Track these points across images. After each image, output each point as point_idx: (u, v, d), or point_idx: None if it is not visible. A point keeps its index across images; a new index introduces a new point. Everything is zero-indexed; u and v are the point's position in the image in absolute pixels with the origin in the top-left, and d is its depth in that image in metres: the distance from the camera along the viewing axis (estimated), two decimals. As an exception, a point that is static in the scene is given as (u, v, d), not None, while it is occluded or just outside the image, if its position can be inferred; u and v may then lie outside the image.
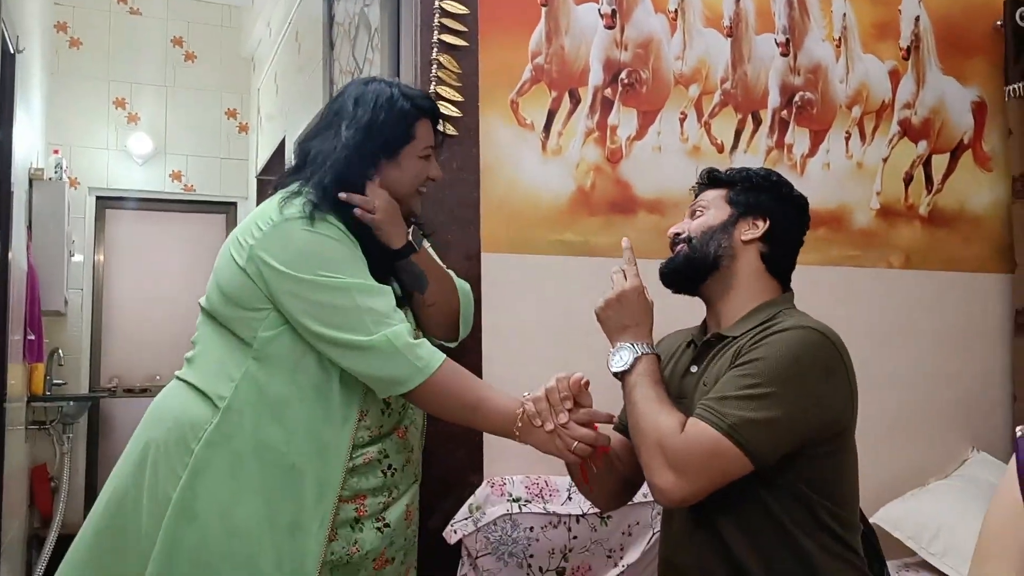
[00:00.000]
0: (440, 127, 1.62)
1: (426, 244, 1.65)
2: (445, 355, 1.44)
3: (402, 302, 1.53)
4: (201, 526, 1.40)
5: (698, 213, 1.57)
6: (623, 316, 1.48)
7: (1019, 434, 0.85)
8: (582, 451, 1.39)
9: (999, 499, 0.86)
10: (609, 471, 1.54)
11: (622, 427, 1.61)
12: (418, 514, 1.68)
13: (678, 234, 1.57)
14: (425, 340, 1.46)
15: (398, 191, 1.53)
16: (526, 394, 1.42)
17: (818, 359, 1.37)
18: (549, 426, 1.39)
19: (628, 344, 1.45)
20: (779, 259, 1.54)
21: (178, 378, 1.53)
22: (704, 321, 1.59)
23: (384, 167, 1.51)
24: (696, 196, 1.62)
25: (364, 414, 1.49)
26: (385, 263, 1.52)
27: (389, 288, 1.47)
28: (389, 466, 1.54)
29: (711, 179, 1.60)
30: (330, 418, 1.45)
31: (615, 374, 1.46)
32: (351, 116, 1.50)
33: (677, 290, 1.57)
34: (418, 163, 1.54)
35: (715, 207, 1.55)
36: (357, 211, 1.48)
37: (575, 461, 1.43)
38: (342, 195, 1.48)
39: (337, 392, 1.46)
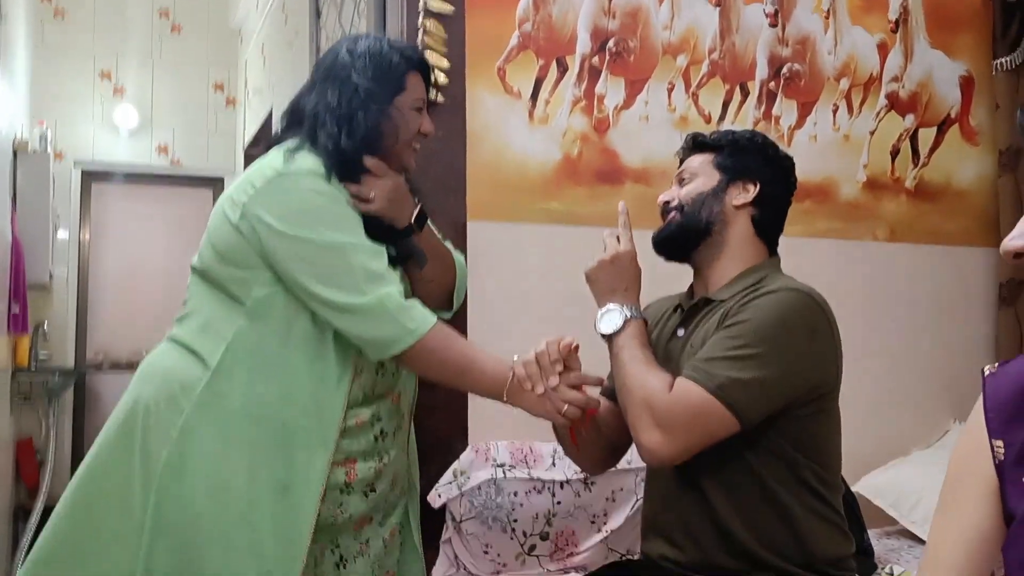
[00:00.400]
0: (430, 80, 1.60)
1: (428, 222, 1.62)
2: (436, 318, 1.44)
3: (395, 262, 1.52)
4: (190, 484, 1.39)
5: (686, 180, 1.56)
6: (614, 279, 1.48)
7: (986, 373, 0.86)
8: (572, 414, 1.40)
9: (965, 436, 0.87)
10: (596, 435, 1.55)
11: (609, 392, 1.62)
12: (411, 480, 1.68)
13: (668, 202, 1.56)
14: (417, 302, 1.44)
15: (390, 146, 1.50)
16: (516, 357, 1.42)
17: (803, 320, 1.38)
18: (539, 389, 1.39)
19: (617, 306, 1.45)
20: (769, 222, 1.55)
21: (169, 339, 1.52)
22: (691, 286, 1.60)
23: (381, 123, 1.48)
24: (681, 162, 1.61)
25: (359, 373, 1.49)
26: (385, 238, 1.50)
27: (383, 249, 1.46)
28: (381, 431, 1.53)
29: (696, 144, 1.59)
30: (325, 377, 1.45)
31: (603, 336, 1.46)
32: (345, 71, 1.48)
33: (669, 257, 1.56)
34: (410, 115, 1.52)
35: (703, 173, 1.54)
36: (353, 201, 1.46)
37: (564, 424, 1.43)
38: (351, 187, 1.46)
39: (332, 351, 1.45)
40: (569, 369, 1.40)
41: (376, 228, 1.48)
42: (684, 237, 1.52)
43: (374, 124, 1.46)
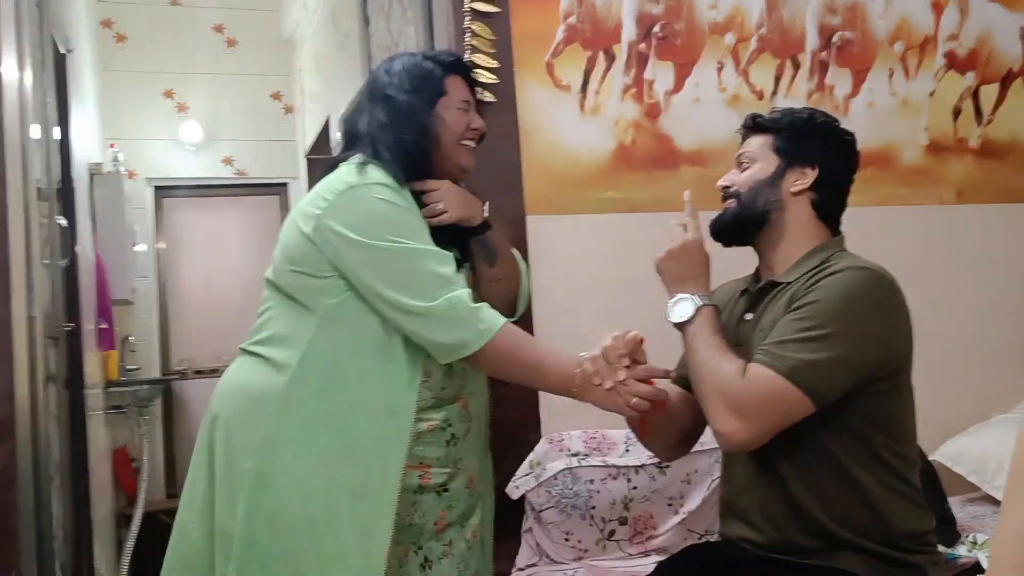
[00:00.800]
0: (475, 80, 1.65)
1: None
2: (504, 319, 1.47)
3: (462, 263, 1.58)
4: (277, 493, 1.45)
5: (745, 164, 1.56)
6: (684, 267, 1.48)
7: None
8: (640, 406, 1.41)
9: None
10: (668, 424, 1.57)
11: (681, 380, 1.64)
12: (485, 482, 1.71)
13: (727, 187, 1.56)
14: (485, 304, 1.48)
15: (443, 148, 1.56)
16: (583, 354, 1.44)
17: (872, 297, 1.38)
18: (608, 384, 1.40)
19: (688, 295, 1.45)
20: (829, 204, 1.54)
21: (244, 351, 1.58)
22: (757, 269, 1.60)
23: (429, 127, 1.55)
24: (742, 142, 1.61)
25: (428, 376, 1.53)
26: (456, 237, 1.58)
27: (451, 255, 1.51)
28: (452, 435, 1.58)
29: (756, 125, 1.58)
30: (395, 382, 1.49)
31: (675, 324, 1.46)
32: (389, 89, 1.56)
33: (726, 244, 1.57)
34: (455, 114, 1.57)
35: (762, 158, 1.53)
36: (428, 218, 1.54)
37: (634, 416, 1.44)
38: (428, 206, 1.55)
39: (401, 355, 1.49)
40: (636, 363, 1.42)
41: (453, 231, 1.56)
42: (740, 226, 1.53)
43: (423, 130, 1.54)
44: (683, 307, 1.45)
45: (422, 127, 1.54)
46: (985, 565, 1.93)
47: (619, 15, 2.36)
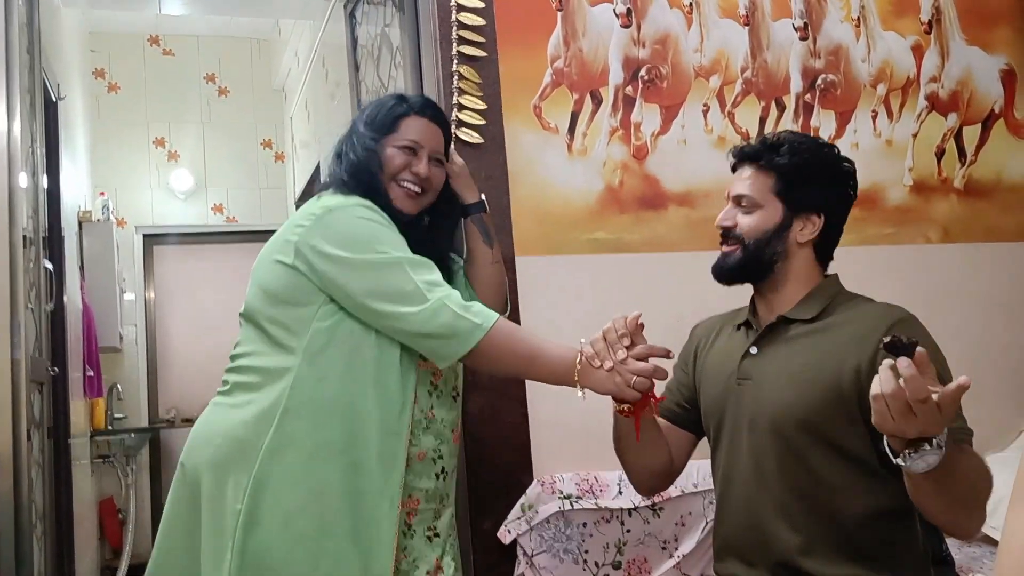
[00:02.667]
0: (445, 129, 1.68)
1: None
2: (497, 313, 1.46)
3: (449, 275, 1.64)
4: (265, 533, 1.42)
5: (746, 207, 1.51)
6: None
7: None
8: (641, 385, 1.38)
9: None
10: (657, 443, 1.55)
11: (666, 411, 1.63)
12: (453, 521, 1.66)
13: (728, 228, 1.53)
14: (476, 302, 1.48)
15: (370, 178, 1.59)
16: (583, 340, 1.43)
17: (924, 334, 1.41)
18: (608, 364, 1.38)
19: (926, 440, 1.14)
20: (829, 246, 1.55)
21: (224, 394, 1.54)
22: (752, 306, 1.59)
23: (368, 159, 1.60)
24: (734, 170, 1.56)
25: (416, 398, 1.52)
26: (456, 216, 1.71)
27: (433, 263, 1.52)
28: (443, 468, 1.56)
29: (753, 156, 1.53)
30: (389, 406, 1.47)
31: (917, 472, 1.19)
32: (353, 121, 1.67)
33: (727, 285, 1.56)
34: (392, 152, 1.60)
35: (765, 203, 1.50)
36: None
37: (635, 397, 1.39)
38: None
39: (395, 378, 1.48)
40: (636, 344, 1.40)
41: (448, 206, 1.68)
42: (744, 273, 1.53)
43: (366, 160, 1.59)
44: (927, 456, 1.14)
45: (365, 157, 1.58)
46: (984, 606, 1.90)
47: (605, 59, 2.40)
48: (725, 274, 1.54)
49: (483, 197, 1.77)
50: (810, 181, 1.49)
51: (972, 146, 2.73)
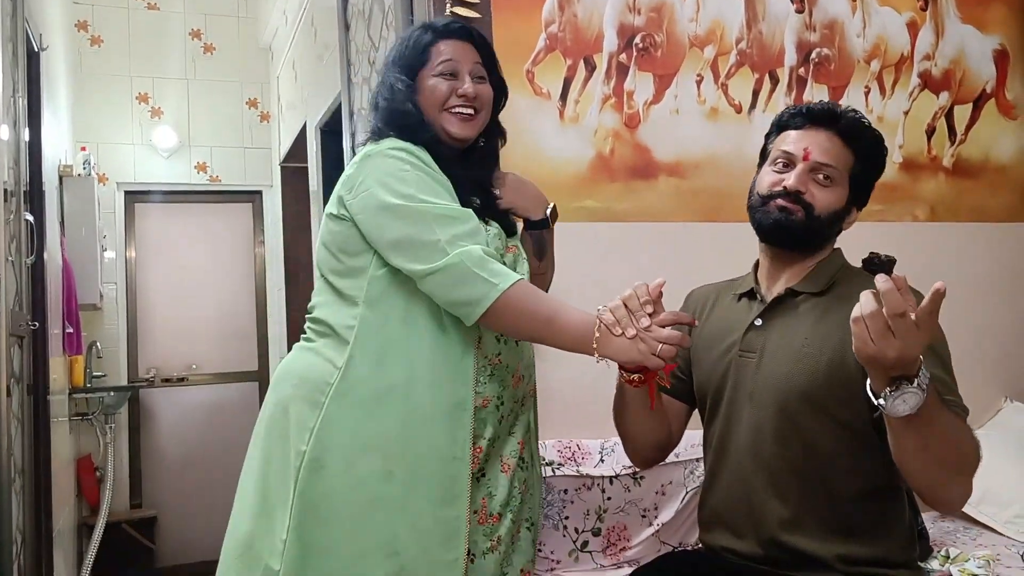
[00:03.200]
0: (480, 47, 1.61)
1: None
2: (519, 275, 1.41)
3: (500, 220, 1.59)
4: (327, 476, 1.41)
5: (823, 178, 1.45)
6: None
7: None
8: (667, 352, 1.31)
9: None
10: (661, 416, 1.55)
11: (673, 389, 1.62)
12: (521, 471, 1.58)
13: (799, 192, 1.45)
14: (496, 261, 1.42)
15: (428, 117, 1.55)
16: (600, 307, 1.36)
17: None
18: (631, 332, 1.32)
19: (907, 380, 1.16)
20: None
21: (302, 339, 1.57)
22: (755, 273, 1.57)
23: (397, 104, 1.55)
24: (799, 127, 1.49)
25: (480, 340, 1.49)
26: (494, 140, 1.66)
27: (470, 211, 1.47)
28: (503, 415, 1.53)
29: (837, 123, 1.47)
30: (450, 350, 1.46)
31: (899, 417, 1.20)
32: (384, 63, 1.62)
33: (772, 243, 1.51)
34: (433, 82, 1.55)
35: (840, 184, 1.47)
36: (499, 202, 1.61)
37: (660, 365, 1.33)
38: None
39: (454, 321, 1.45)
40: (657, 312, 1.35)
41: (492, 124, 1.63)
42: (799, 240, 1.48)
43: (399, 99, 1.54)
44: (910, 398, 1.16)
45: (404, 96, 1.54)
46: (957, 579, 1.93)
47: (600, 25, 2.37)
48: (780, 232, 1.46)
49: (549, 212, 1.70)
50: (873, 175, 1.52)
51: (962, 125, 2.73)
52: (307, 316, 1.58)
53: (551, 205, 1.72)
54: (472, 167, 1.59)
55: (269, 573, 1.42)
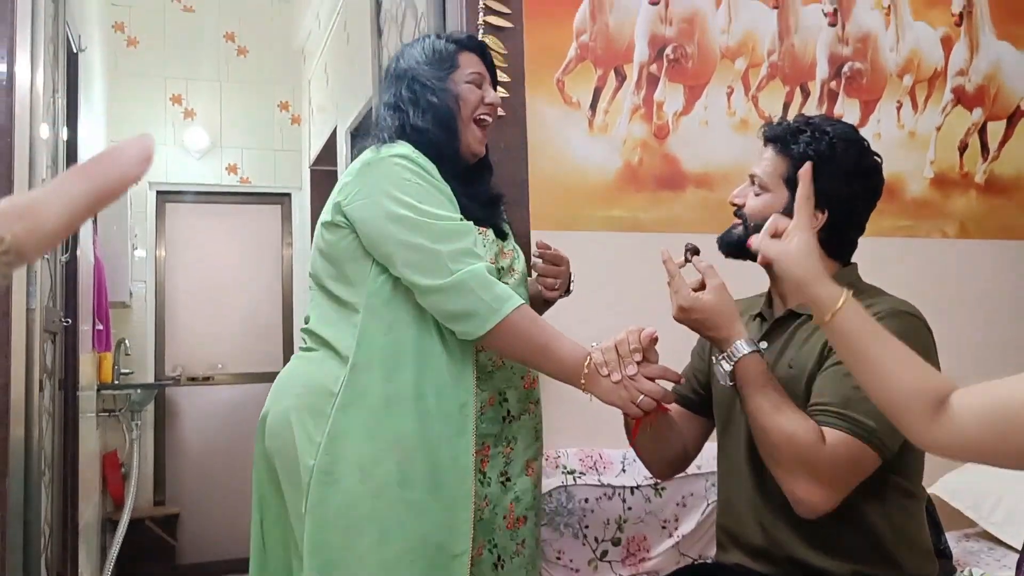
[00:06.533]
0: (490, 58, 1.65)
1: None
2: (521, 299, 1.43)
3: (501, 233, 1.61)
4: (344, 489, 1.39)
5: (757, 189, 1.49)
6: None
7: None
8: (646, 405, 1.36)
9: None
10: (667, 439, 1.55)
11: (685, 399, 1.62)
12: (541, 475, 1.66)
13: (738, 206, 1.52)
14: (499, 282, 1.44)
15: (460, 122, 1.55)
16: (594, 344, 1.40)
17: (919, 343, 1.31)
18: (616, 376, 1.36)
19: (723, 354, 1.37)
20: (841, 242, 1.48)
21: (301, 349, 1.55)
22: (768, 293, 1.56)
23: (437, 104, 1.54)
24: (764, 144, 1.52)
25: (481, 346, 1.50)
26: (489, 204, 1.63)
27: (470, 225, 1.48)
28: (508, 411, 1.55)
29: (773, 139, 1.49)
30: (451, 352, 1.45)
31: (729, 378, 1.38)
32: (404, 66, 1.58)
33: (733, 258, 1.54)
34: (467, 88, 1.56)
35: (773, 187, 1.47)
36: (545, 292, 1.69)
37: (637, 414, 1.38)
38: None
39: None
40: (647, 360, 1.38)
41: (471, 189, 1.58)
42: (744, 250, 1.48)
43: (437, 102, 1.53)
44: (718, 367, 1.38)
45: (438, 98, 1.53)
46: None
47: (631, 35, 2.38)
48: (724, 246, 1.54)
49: (571, 289, 1.79)
50: (819, 175, 1.38)
51: (996, 142, 2.71)
52: (303, 327, 1.56)
53: (570, 284, 1.76)
54: (472, 179, 1.60)
55: None
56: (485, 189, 1.64)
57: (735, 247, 1.52)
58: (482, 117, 1.58)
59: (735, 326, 1.38)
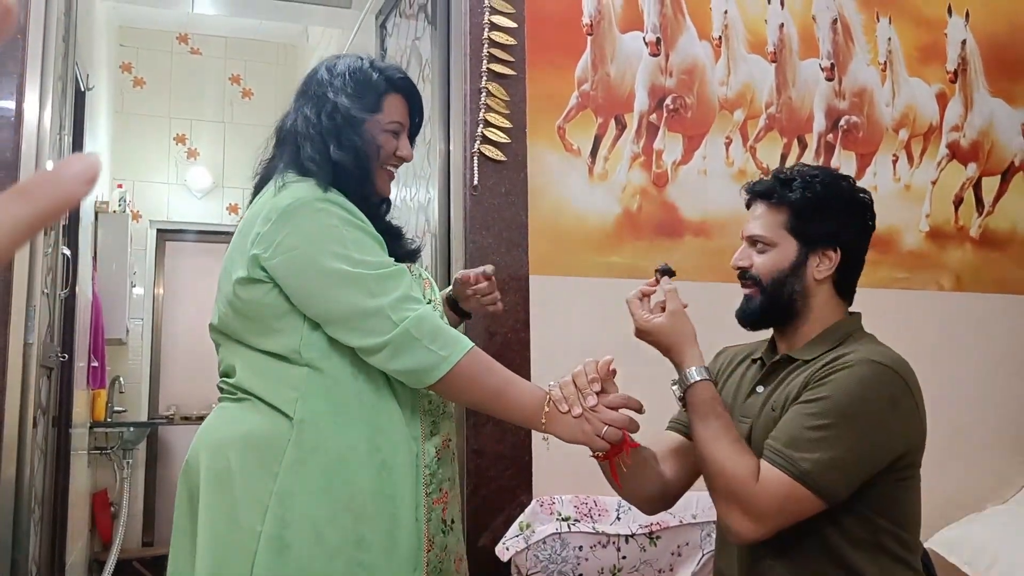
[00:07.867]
0: (418, 105, 1.52)
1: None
2: (471, 343, 1.34)
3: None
4: (296, 556, 1.27)
5: (761, 247, 1.47)
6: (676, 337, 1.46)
7: None
8: (612, 436, 1.29)
9: None
10: (651, 474, 1.52)
11: (687, 429, 1.61)
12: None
13: (745, 269, 1.49)
14: (448, 327, 1.36)
15: (362, 163, 1.41)
16: (551, 383, 1.34)
17: (883, 393, 1.33)
18: (576, 410, 1.29)
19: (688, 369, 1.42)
20: (850, 279, 1.49)
21: (226, 403, 1.41)
22: (772, 340, 1.55)
23: (359, 145, 1.41)
24: (748, 206, 1.52)
25: (420, 397, 1.42)
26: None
27: (402, 267, 1.38)
28: (453, 453, 1.48)
29: (763, 194, 1.49)
30: (401, 399, 1.37)
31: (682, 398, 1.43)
32: (322, 88, 1.44)
33: (753, 330, 1.52)
34: (383, 136, 1.44)
35: (779, 241, 1.45)
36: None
37: (604, 447, 1.31)
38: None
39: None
40: (606, 392, 1.32)
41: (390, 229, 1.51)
42: (768, 317, 1.48)
43: (359, 143, 1.41)
44: (676, 390, 1.44)
45: (360, 138, 1.41)
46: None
47: (632, 85, 2.42)
48: (749, 320, 1.49)
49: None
50: (824, 214, 1.44)
51: (990, 196, 2.74)
52: (226, 381, 1.42)
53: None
54: (382, 216, 1.52)
55: None
56: (394, 224, 1.55)
57: (759, 316, 1.49)
58: (389, 167, 1.48)
59: (690, 351, 1.42)
